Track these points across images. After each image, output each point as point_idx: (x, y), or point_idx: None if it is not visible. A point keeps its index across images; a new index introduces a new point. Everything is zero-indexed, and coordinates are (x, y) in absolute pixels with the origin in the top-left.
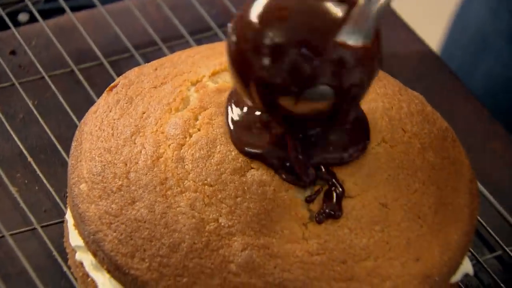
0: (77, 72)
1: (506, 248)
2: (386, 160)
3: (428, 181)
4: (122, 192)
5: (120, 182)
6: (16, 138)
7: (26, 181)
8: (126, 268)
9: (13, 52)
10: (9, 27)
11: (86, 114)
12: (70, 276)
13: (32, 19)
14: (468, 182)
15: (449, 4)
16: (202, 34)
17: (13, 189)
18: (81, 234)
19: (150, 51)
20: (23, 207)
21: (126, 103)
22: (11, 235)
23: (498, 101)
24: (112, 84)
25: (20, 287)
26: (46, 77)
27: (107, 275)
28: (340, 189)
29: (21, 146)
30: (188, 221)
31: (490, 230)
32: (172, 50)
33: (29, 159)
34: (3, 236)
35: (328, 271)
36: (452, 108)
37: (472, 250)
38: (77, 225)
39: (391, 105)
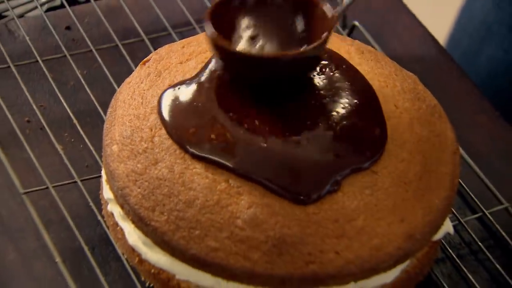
0: (121, 47)
1: (486, 211)
2: None
3: (415, 152)
4: (147, 154)
5: (145, 145)
6: (65, 103)
7: (72, 140)
8: (148, 220)
9: (68, 28)
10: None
11: (122, 84)
12: (104, 225)
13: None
14: (451, 154)
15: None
16: None
17: (58, 147)
18: (111, 188)
19: (185, 30)
20: (67, 163)
21: (155, 76)
22: (54, 186)
23: (499, 82)
24: (145, 59)
25: (60, 233)
26: (94, 51)
27: (132, 225)
28: None
29: (69, 110)
30: (202, 181)
31: (472, 195)
32: (204, 30)
33: (75, 121)
34: (47, 187)
35: (322, 228)
36: (446, 87)
37: (455, 212)
38: (108, 181)
39: (386, 83)
